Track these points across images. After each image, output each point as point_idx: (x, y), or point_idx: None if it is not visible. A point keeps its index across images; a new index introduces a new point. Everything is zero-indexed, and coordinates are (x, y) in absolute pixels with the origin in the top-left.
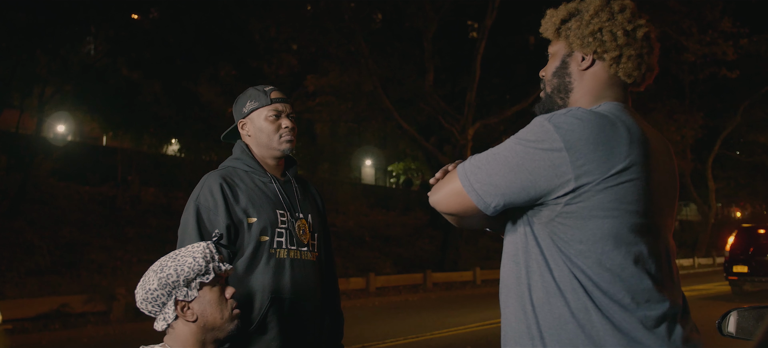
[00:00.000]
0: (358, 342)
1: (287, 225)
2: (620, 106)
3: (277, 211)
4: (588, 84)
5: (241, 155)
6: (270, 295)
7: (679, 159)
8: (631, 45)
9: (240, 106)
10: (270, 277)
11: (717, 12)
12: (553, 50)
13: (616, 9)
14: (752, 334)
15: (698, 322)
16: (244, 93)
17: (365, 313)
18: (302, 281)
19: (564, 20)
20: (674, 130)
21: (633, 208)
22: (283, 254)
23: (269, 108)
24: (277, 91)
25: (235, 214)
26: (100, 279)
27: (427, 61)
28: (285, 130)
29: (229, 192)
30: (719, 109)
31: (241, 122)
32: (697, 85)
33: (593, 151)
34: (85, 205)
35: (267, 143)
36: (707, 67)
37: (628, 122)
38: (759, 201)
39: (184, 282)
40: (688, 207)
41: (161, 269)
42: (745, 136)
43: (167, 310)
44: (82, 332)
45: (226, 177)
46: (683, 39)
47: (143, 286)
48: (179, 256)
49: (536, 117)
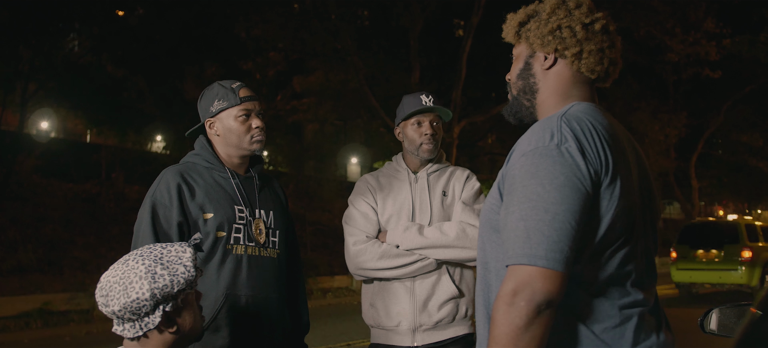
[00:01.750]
0: (343, 339)
1: (245, 221)
2: (591, 106)
3: (235, 207)
4: (553, 83)
5: (201, 151)
6: (225, 291)
7: (663, 158)
8: (590, 39)
9: (206, 104)
10: (225, 274)
11: (700, 13)
12: (516, 53)
13: (573, 6)
14: (733, 331)
15: (680, 320)
16: (209, 89)
17: (350, 311)
18: (260, 278)
19: (523, 22)
20: (658, 130)
21: (613, 208)
22: (241, 250)
23: (239, 108)
24: (245, 89)
25: (190, 211)
26: (83, 277)
27: (413, 59)
28: (256, 130)
29: (185, 188)
30: (702, 109)
31: (210, 121)
32: (680, 85)
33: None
34: (68, 203)
35: (237, 143)
36: (690, 67)
37: (604, 124)
38: (741, 199)
39: (176, 293)
40: (671, 205)
41: (154, 279)
42: (727, 136)
43: (147, 320)
44: (65, 331)
45: (183, 173)
46: (667, 39)
47: (127, 294)
48: (169, 263)
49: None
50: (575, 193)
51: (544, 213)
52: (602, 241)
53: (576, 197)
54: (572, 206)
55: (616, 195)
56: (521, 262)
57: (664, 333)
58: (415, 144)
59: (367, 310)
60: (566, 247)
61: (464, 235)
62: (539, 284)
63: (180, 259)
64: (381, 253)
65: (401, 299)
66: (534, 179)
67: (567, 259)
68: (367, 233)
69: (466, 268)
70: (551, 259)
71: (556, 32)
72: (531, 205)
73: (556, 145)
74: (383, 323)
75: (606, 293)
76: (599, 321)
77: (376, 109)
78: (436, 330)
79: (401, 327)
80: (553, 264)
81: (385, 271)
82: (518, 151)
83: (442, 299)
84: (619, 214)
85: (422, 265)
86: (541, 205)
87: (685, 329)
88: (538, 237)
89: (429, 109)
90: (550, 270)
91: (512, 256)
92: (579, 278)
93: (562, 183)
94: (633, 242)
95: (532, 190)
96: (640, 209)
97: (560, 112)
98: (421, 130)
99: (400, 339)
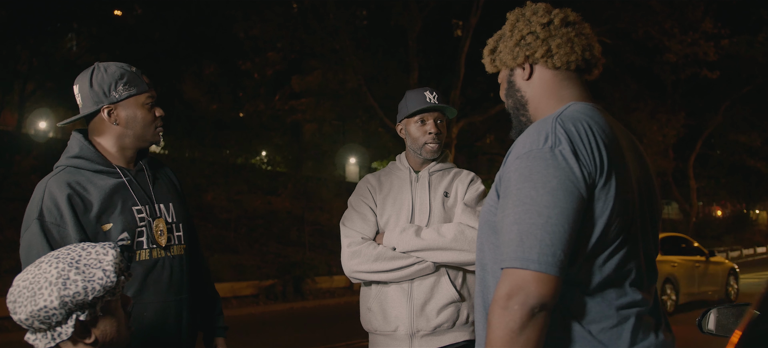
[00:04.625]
0: (342, 339)
1: (146, 223)
2: (588, 106)
3: (133, 209)
4: (538, 90)
5: (83, 151)
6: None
7: (661, 158)
8: (554, 35)
9: (105, 87)
10: (131, 284)
11: (699, 13)
12: (499, 79)
13: (530, 13)
14: (731, 332)
15: (679, 321)
16: (104, 71)
17: (349, 311)
18: (168, 280)
19: (493, 49)
20: (656, 130)
21: (609, 208)
22: (145, 256)
23: (148, 95)
24: (145, 75)
25: (88, 225)
26: None
27: (411, 59)
28: (159, 119)
29: (77, 199)
30: (701, 109)
31: (109, 107)
32: (678, 85)
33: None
34: None
35: (141, 134)
36: (689, 68)
37: (601, 123)
38: (739, 199)
39: (91, 302)
40: (669, 206)
41: (65, 285)
42: (725, 136)
43: (59, 331)
44: None
45: (70, 181)
46: (665, 39)
47: (34, 302)
48: (86, 267)
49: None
50: (568, 197)
51: (537, 216)
52: (599, 241)
53: (569, 200)
54: (565, 209)
55: (612, 195)
56: (515, 266)
57: (663, 333)
58: (419, 143)
59: (364, 314)
60: (559, 251)
61: (463, 237)
62: (532, 288)
63: (100, 262)
64: (376, 255)
65: (398, 303)
66: (528, 183)
67: (560, 263)
68: (363, 234)
69: (468, 271)
70: (544, 263)
71: (521, 42)
72: (524, 208)
73: (549, 148)
74: (381, 328)
75: (603, 294)
76: (596, 321)
77: (375, 109)
78: (435, 335)
79: (399, 332)
80: (546, 267)
81: (380, 274)
82: (514, 153)
83: (442, 303)
84: (615, 214)
85: (419, 268)
86: (534, 208)
87: (683, 329)
88: (530, 241)
89: (433, 107)
90: (542, 273)
91: (506, 259)
92: (576, 279)
93: (555, 187)
94: (631, 242)
95: (526, 194)
96: (640, 209)
97: (556, 113)
98: (425, 129)
99: (397, 344)
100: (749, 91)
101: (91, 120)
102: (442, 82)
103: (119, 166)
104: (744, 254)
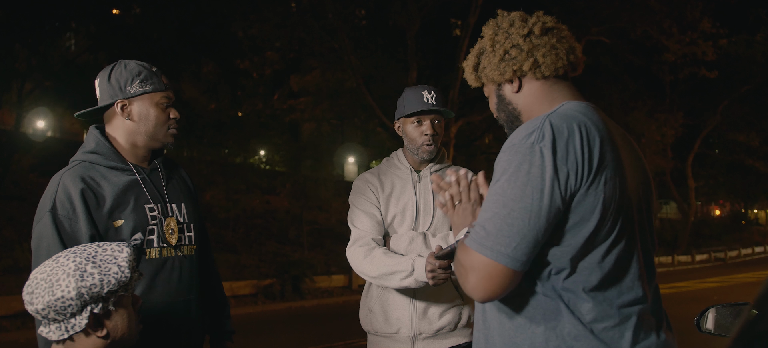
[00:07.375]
0: (341, 339)
1: (157, 221)
2: (582, 104)
3: (145, 207)
4: (530, 100)
5: (98, 147)
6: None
7: (660, 157)
8: (538, 45)
9: (122, 82)
10: (141, 282)
11: (697, 12)
12: (486, 92)
13: (507, 26)
14: (729, 331)
15: (677, 320)
16: (123, 67)
17: (348, 310)
18: (177, 280)
19: (476, 65)
20: (655, 129)
21: (607, 207)
22: (155, 254)
23: (163, 94)
24: (163, 75)
25: (100, 221)
26: None
27: (410, 59)
28: (173, 120)
29: (90, 194)
30: (699, 109)
31: (123, 102)
32: (677, 85)
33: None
34: None
35: (152, 133)
36: (687, 67)
37: (594, 120)
38: (737, 199)
39: (105, 295)
40: (668, 205)
41: (82, 277)
42: (724, 135)
43: (73, 322)
44: None
45: (84, 176)
46: (664, 39)
47: (52, 292)
48: (102, 261)
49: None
50: (536, 193)
51: (502, 207)
52: (593, 237)
53: (536, 197)
54: (530, 205)
55: (602, 192)
56: (472, 247)
57: (665, 332)
58: (415, 144)
59: (365, 316)
60: (515, 243)
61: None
62: (483, 271)
63: (115, 258)
64: (389, 270)
65: (401, 305)
66: (504, 174)
67: (513, 256)
68: (373, 235)
69: None
70: (496, 251)
71: (506, 57)
72: (495, 198)
73: (531, 144)
74: (381, 330)
75: (604, 292)
76: (598, 320)
77: (373, 108)
78: (437, 338)
79: (400, 334)
80: (497, 257)
81: (388, 285)
82: (504, 145)
83: (444, 306)
84: (608, 210)
85: (424, 281)
86: (501, 200)
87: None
88: (490, 228)
89: (430, 109)
90: (492, 261)
91: (470, 238)
92: (576, 278)
93: (524, 181)
94: (629, 239)
95: (500, 184)
96: (637, 206)
97: (550, 111)
98: (422, 130)
99: (399, 347)
100: (747, 91)
101: (105, 113)
102: (440, 81)
103: (133, 163)
104: (742, 254)
